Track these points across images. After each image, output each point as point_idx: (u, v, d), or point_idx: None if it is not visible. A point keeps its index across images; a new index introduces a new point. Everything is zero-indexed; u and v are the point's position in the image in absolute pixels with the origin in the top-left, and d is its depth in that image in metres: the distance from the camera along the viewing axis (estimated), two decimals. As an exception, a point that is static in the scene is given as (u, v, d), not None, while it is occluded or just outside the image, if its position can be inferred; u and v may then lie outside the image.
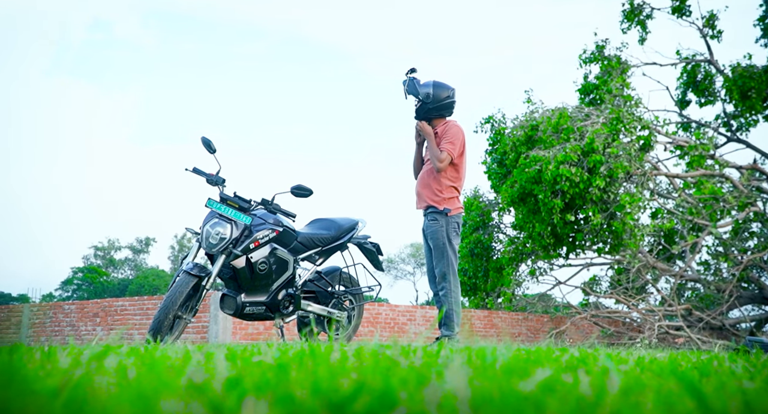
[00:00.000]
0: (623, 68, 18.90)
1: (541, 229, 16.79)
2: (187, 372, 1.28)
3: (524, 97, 18.75)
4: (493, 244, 19.50)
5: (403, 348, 2.18)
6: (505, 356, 1.57)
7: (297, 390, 1.07)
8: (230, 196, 5.10)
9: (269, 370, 1.38)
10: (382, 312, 15.19)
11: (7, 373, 1.43)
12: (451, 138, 5.42)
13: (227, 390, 1.10)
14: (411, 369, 1.34)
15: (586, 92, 19.43)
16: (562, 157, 15.79)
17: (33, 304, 14.86)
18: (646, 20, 19.95)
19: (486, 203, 19.53)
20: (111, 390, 1.10)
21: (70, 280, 58.63)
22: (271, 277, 5.18)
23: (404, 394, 0.97)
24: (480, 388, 0.97)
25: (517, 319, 18.08)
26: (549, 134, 16.84)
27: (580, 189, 16.11)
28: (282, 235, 5.22)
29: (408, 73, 5.51)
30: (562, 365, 1.67)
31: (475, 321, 16.80)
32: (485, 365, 1.39)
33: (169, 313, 4.67)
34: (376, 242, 5.99)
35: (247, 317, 5.23)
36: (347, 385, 1.05)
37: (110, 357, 1.54)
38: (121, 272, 65.07)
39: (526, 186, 16.38)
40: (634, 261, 17.80)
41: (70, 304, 14.26)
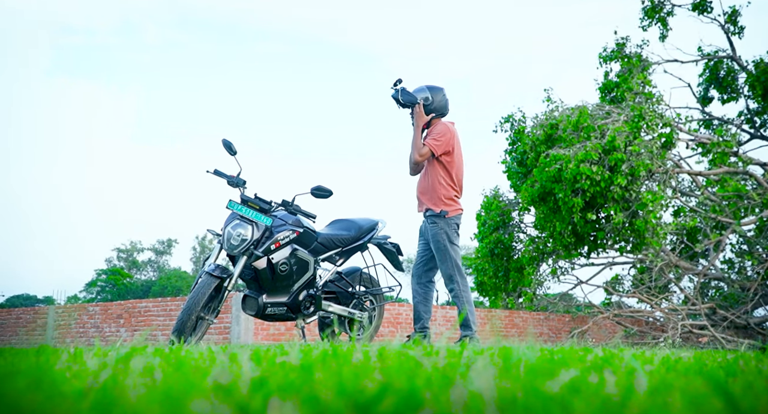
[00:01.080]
0: (644, 66, 18.74)
1: (562, 228, 16.69)
2: (213, 373, 1.29)
3: (544, 95, 18.65)
4: (513, 243, 19.40)
5: (425, 348, 2.18)
6: (530, 356, 1.57)
7: (322, 391, 1.07)
8: (251, 198, 5.13)
9: (294, 371, 1.38)
10: (403, 312, 15.19)
11: (36, 375, 1.44)
12: (435, 135, 5.44)
13: (253, 391, 1.11)
14: (435, 369, 1.34)
15: (606, 90, 19.28)
16: (582, 156, 15.68)
17: (58, 306, 15.04)
18: (666, 17, 19.76)
19: (506, 203, 19.45)
20: (139, 391, 1.11)
21: (93, 282, 59.25)
22: (292, 277, 5.20)
23: (429, 394, 0.97)
24: (505, 388, 0.96)
25: (539, 319, 17.98)
26: (569, 133, 16.74)
27: (601, 187, 15.99)
28: (302, 236, 5.24)
29: (395, 86, 5.51)
30: (587, 365, 1.66)
31: (495, 321, 16.74)
32: (509, 366, 1.38)
33: (192, 315, 4.71)
34: (396, 243, 6.00)
35: (269, 318, 5.25)
36: (372, 386, 1.05)
37: (136, 358, 1.55)
38: (144, 274, 65.63)
39: (547, 185, 16.29)
40: (657, 260, 17.64)
41: (94, 306, 14.42)
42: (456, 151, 5.50)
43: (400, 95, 5.47)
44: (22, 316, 15.34)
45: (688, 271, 19.04)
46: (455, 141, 5.50)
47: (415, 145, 5.43)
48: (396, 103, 5.52)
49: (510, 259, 19.26)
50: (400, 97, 5.47)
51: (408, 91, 5.50)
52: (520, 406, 0.90)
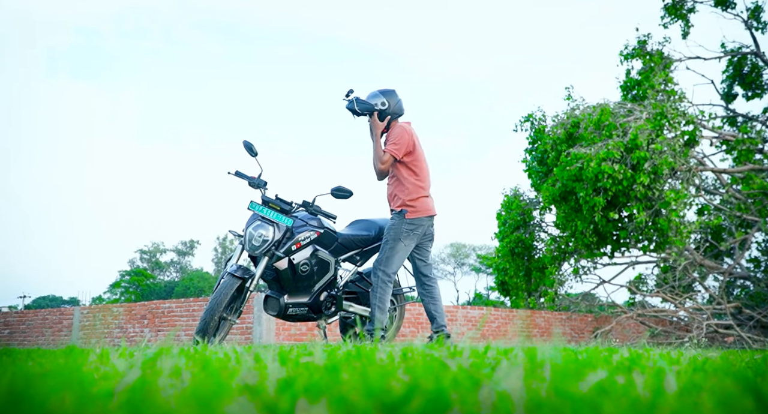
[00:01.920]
0: (666, 63, 18.55)
1: (584, 227, 16.59)
2: (240, 374, 1.30)
3: (564, 94, 18.54)
4: (534, 242, 19.30)
5: (448, 348, 2.17)
6: (556, 357, 1.56)
7: (349, 392, 1.07)
8: (272, 199, 5.16)
9: (319, 372, 1.39)
10: (423, 312, 15.17)
11: (65, 376, 1.46)
12: (393, 139, 5.41)
13: (280, 392, 1.11)
14: (461, 370, 1.34)
15: (628, 88, 19.12)
16: (604, 154, 15.57)
17: (83, 306, 15.21)
18: (688, 14, 19.56)
19: (526, 202, 19.36)
20: (168, 392, 1.12)
21: (117, 283, 59.89)
22: (313, 278, 5.22)
23: (456, 395, 0.97)
24: (534, 390, 0.96)
25: (561, 319, 17.87)
26: (590, 131, 16.63)
27: (623, 186, 15.87)
28: (323, 237, 5.26)
29: (347, 96, 5.48)
30: (614, 366, 1.65)
31: (516, 321, 16.66)
32: (535, 366, 1.38)
33: (214, 315, 4.74)
34: None
35: (290, 318, 5.27)
36: (399, 387, 1.05)
37: (164, 359, 1.57)
38: (167, 274, 66.20)
39: (568, 184, 16.20)
40: (681, 259, 17.46)
41: (118, 307, 14.57)
42: (417, 150, 5.47)
43: (355, 105, 5.44)
44: (48, 317, 15.54)
45: (713, 270, 18.83)
46: (414, 140, 5.47)
47: (376, 155, 5.42)
48: (352, 114, 5.49)
49: (531, 258, 19.16)
50: (356, 106, 5.44)
51: (362, 100, 5.47)
52: (549, 407, 0.90)
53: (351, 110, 5.44)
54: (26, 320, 16.01)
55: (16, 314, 16.53)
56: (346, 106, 5.45)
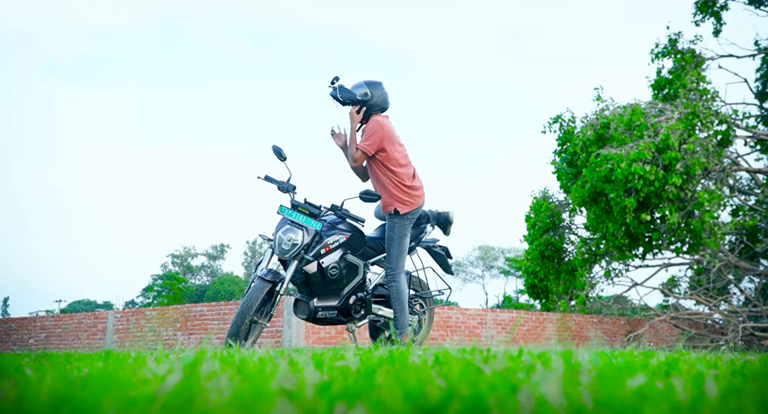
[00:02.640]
0: (698, 61, 18.29)
1: (615, 229, 16.41)
2: (277, 378, 1.31)
3: (594, 94, 18.37)
4: (564, 245, 19.15)
5: (481, 352, 2.16)
6: (592, 361, 1.54)
7: (385, 396, 1.08)
8: (301, 203, 5.19)
9: (355, 376, 1.39)
10: (453, 316, 15.12)
11: (105, 380, 1.49)
12: (365, 135, 5.26)
13: (318, 396, 1.12)
14: (497, 375, 1.33)
15: (659, 87, 18.88)
16: (634, 155, 15.40)
17: (117, 310, 15.43)
18: (720, 11, 19.27)
19: (556, 204, 19.21)
20: (207, 396, 1.14)
21: (150, 287, 60.65)
22: (342, 281, 5.24)
23: (494, 400, 0.97)
24: (573, 395, 0.95)
25: (592, 322, 17.69)
26: (621, 131, 16.45)
27: (655, 187, 15.67)
28: (351, 240, 5.27)
29: (332, 83, 5.36)
30: (652, 370, 1.63)
31: (547, 324, 16.52)
32: (572, 371, 1.37)
33: (245, 318, 4.78)
34: (445, 246, 5.98)
35: (320, 322, 5.29)
36: (436, 392, 1.05)
37: (204, 363, 1.59)
38: (198, 278, 66.86)
39: (598, 185, 16.04)
40: (715, 260, 17.19)
41: (151, 310, 14.75)
42: (391, 145, 5.27)
43: (338, 93, 5.30)
44: (83, 321, 15.79)
45: (749, 272, 18.49)
46: (388, 134, 5.26)
47: (349, 152, 5.31)
48: (335, 101, 5.35)
49: (561, 261, 19.01)
50: (339, 94, 5.29)
51: (346, 89, 5.31)
52: (589, 413, 0.89)
53: (334, 97, 5.33)
54: (62, 324, 16.29)
55: (52, 318, 16.83)
56: (330, 94, 5.34)
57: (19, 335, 17.00)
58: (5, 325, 17.74)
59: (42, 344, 16.26)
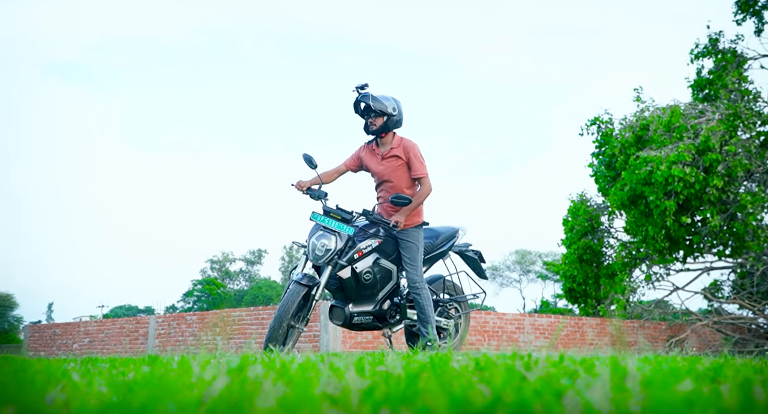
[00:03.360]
0: (739, 61, 17.94)
1: (655, 232, 16.16)
2: (321, 383, 1.32)
3: (633, 95, 18.13)
4: (603, 249, 18.90)
5: (522, 358, 2.15)
6: (639, 367, 1.53)
7: (430, 402, 1.08)
8: (333, 209, 5.20)
9: (398, 382, 1.40)
10: (490, 320, 15.03)
11: (151, 385, 1.52)
12: (419, 159, 5.19)
13: (363, 402, 1.13)
14: (542, 380, 1.33)
15: (699, 88, 18.56)
16: (674, 157, 15.16)
17: (158, 315, 15.67)
18: (762, 11, 18.86)
19: (594, 207, 18.99)
20: (254, 401, 1.16)
21: (190, 292, 61.45)
22: (377, 286, 5.25)
23: (540, 406, 0.97)
24: (621, 401, 0.95)
25: (633, 327, 17.42)
26: (660, 133, 16.21)
27: (695, 189, 15.41)
28: (384, 245, 5.29)
29: (362, 89, 5.14)
30: (699, 376, 1.61)
31: (586, 329, 16.32)
32: (620, 377, 1.35)
33: (283, 322, 4.82)
34: (478, 250, 5.96)
35: (356, 327, 5.31)
36: (481, 398, 1.05)
37: (248, 368, 1.61)
38: (236, 283, 67.54)
39: (637, 188, 15.82)
40: (759, 264, 16.81)
41: (191, 315, 14.95)
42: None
43: (371, 100, 5.09)
44: (126, 326, 16.07)
45: (794, 276, 18.05)
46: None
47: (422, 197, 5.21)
48: (357, 109, 5.17)
49: (600, 265, 18.77)
50: (371, 102, 5.08)
51: (378, 98, 5.12)
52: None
53: (362, 103, 5.14)
54: (105, 329, 16.60)
55: (95, 323, 17.17)
56: (358, 98, 5.14)
57: (64, 340, 17.37)
58: (50, 330, 18.14)
59: (86, 349, 16.59)
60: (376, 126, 5.17)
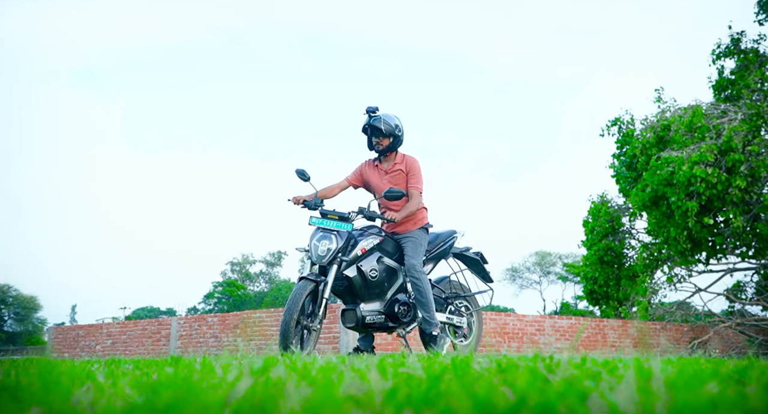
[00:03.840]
0: (762, 61, 17.73)
1: (677, 233, 16.02)
2: (344, 385, 1.33)
3: (653, 96, 17.99)
4: (624, 250, 18.76)
5: (543, 360, 2.15)
6: (663, 368, 1.52)
7: (453, 404, 1.08)
8: (330, 211, 5.36)
9: (421, 383, 1.40)
10: (509, 322, 14.97)
11: (175, 386, 1.53)
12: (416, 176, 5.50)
13: (386, 403, 1.13)
14: (566, 382, 1.32)
15: (721, 88, 18.37)
16: (696, 157, 15.01)
17: (180, 317, 15.79)
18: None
19: (615, 208, 18.85)
20: (278, 402, 1.16)
21: (211, 293, 61.82)
22: (384, 284, 5.36)
23: (565, 408, 0.96)
24: (646, 402, 0.94)
25: (654, 329, 17.26)
26: (682, 134, 16.07)
27: (717, 190, 15.25)
28: (385, 244, 5.43)
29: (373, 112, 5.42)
30: (724, 378, 1.59)
31: (607, 331, 16.20)
32: (644, 379, 1.34)
33: (293, 315, 4.88)
34: (479, 251, 6.03)
35: (369, 327, 5.36)
36: (505, 400, 1.05)
37: (272, 369, 1.62)
38: (257, 285, 67.84)
39: (659, 189, 15.69)
40: (783, 265, 16.59)
41: (212, 317, 15.04)
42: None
43: (382, 124, 5.39)
44: (148, 327, 16.21)
45: (819, 277, 17.81)
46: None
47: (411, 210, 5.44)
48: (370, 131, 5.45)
49: (621, 266, 18.64)
50: (382, 125, 5.39)
51: (387, 120, 5.43)
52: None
53: (372, 127, 5.42)
54: (127, 330, 16.75)
55: (118, 325, 17.33)
56: (369, 122, 5.41)
57: (87, 342, 17.55)
58: (73, 332, 18.34)
59: (108, 350, 16.75)
60: (383, 146, 5.47)
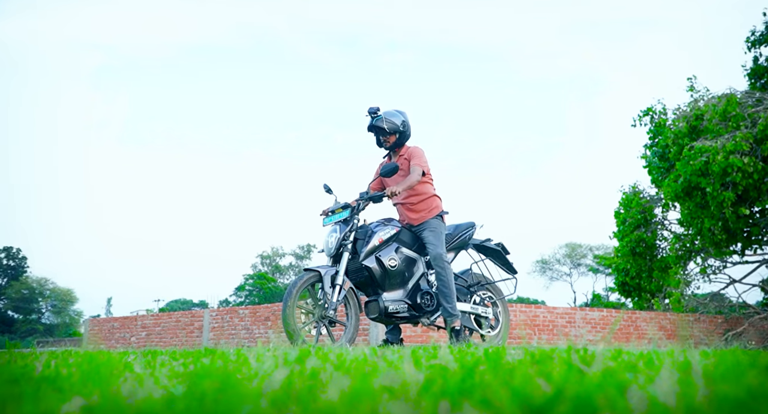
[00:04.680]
0: (799, 47, 17.35)
1: (711, 224, 15.77)
2: (379, 376, 1.33)
3: (686, 85, 17.70)
4: (656, 241, 18.53)
5: (578, 351, 2.13)
6: (700, 360, 1.50)
7: (490, 395, 1.08)
8: (333, 206, 5.56)
9: (456, 375, 1.40)
10: (540, 314, 14.89)
11: (212, 376, 1.55)
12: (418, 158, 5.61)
13: (422, 394, 1.13)
14: (606, 373, 1.31)
15: (756, 76, 18.01)
16: (731, 147, 14.75)
17: (212, 309, 15.98)
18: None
19: (647, 199, 18.61)
20: (315, 393, 1.17)
21: (242, 286, 62.44)
22: (404, 274, 5.43)
23: (604, 400, 0.96)
24: (687, 394, 0.93)
25: (688, 321, 17.04)
26: (716, 123, 15.80)
27: (754, 180, 14.97)
28: (402, 234, 5.52)
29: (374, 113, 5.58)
30: (763, 369, 1.57)
31: (640, 323, 16.03)
32: (685, 370, 1.33)
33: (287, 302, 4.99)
34: (500, 242, 6.04)
35: (392, 317, 5.39)
36: (542, 391, 1.05)
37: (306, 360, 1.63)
38: (287, 277, 68.33)
39: (692, 179, 15.46)
40: (821, 256, 16.27)
41: (244, 309, 15.20)
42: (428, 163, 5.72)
43: (384, 123, 5.56)
44: (181, 319, 16.43)
45: None
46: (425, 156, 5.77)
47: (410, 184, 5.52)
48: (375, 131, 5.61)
49: (653, 258, 18.41)
50: (385, 125, 5.56)
51: (390, 118, 5.60)
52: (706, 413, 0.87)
53: (376, 127, 5.59)
54: (161, 322, 17.00)
55: (152, 317, 17.59)
56: (373, 123, 5.59)
57: (122, 333, 17.84)
58: (109, 324, 18.66)
59: (143, 342, 17.02)
60: (390, 143, 5.65)
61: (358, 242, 5.38)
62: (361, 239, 5.37)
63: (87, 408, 1.23)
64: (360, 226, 5.45)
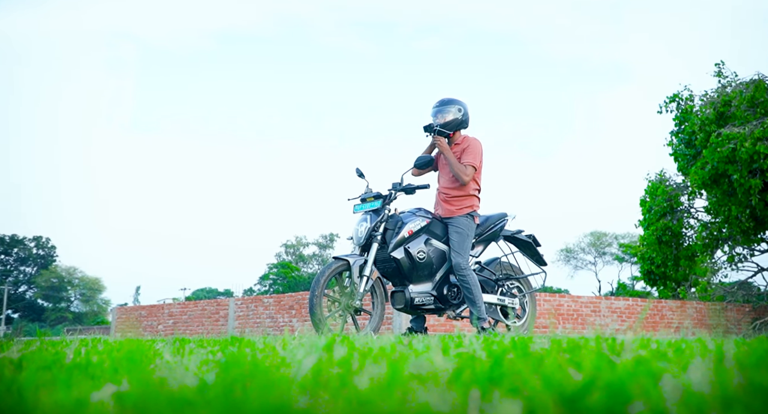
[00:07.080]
0: (830, 30, 16.99)
1: (739, 212, 15.56)
2: (409, 364, 1.34)
3: (713, 70, 17.43)
4: (683, 230, 18.33)
5: (606, 340, 2.12)
6: (732, 348, 1.48)
7: (521, 383, 1.08)
8: (366, 195, 5.53)
9: (485, 363, 1.40)
10: (564, 303, 14.82)
11: (241, 363, 1.56)
12: (474, 153, 5.51)
13: (452, 382, 1.13)
14: (639, 361, 1.30)
15: (786, 60, 17.68)
16: (759, 133, 14.52)
17: (237, 298, 16.12)
18: None
19: (673, 187, 18.40)
20: (345, 380, 1.18)
21: (266, 275, 62.90)
22: (432, 266, 5.39)
23: (638, 388, 0.95)
24: (722, 382, 0.92)
25: (715, 310, 16.86)
26: (743, 109, 15.55)
27: (782, 167, 14.73)
28: (432, 226, 5.47)
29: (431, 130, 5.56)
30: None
31: (666, 312, 15.89)
32: (719, 359, 1.31)
33: (314, 292, 5.02)
34: (531, 233, 5.99)
35: (418, 308, 5.38)
36: (574, 379, 1.04)
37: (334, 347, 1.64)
38: (310, 267, 68.67)
39: (719, 166, 15.25)
40: None
41: (268, 298, 15.31)
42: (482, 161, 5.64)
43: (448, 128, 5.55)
44: (207, 308, 16.61)
45: None
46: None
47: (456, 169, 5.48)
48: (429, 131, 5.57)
49: (679, 246, 18.22)
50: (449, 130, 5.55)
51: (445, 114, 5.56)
52: (742, 402, 0.86)
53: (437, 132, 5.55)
54: (188, 311, 17.19)
55: (178, 305, 17.79)
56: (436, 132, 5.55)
57: (149, 321, 18.08)
58: (137, 312, 18.91)
59: (170, 330, 17.23)
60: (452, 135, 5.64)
61: (388, 232, 5.36)
62: (390, 229, 5.35)
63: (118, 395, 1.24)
64: (390, 215, 5.43)
